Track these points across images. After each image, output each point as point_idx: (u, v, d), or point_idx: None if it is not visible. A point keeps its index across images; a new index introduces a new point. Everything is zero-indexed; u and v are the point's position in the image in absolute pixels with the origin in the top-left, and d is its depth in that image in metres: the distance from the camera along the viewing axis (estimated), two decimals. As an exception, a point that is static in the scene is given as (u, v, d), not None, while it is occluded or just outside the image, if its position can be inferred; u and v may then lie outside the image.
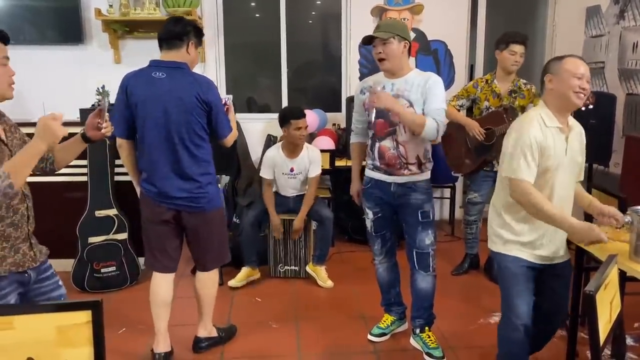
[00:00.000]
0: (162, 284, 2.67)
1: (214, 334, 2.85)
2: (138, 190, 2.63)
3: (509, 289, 2.17)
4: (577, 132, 2.19)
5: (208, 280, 2.75)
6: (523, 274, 2.14)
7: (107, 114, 1.92)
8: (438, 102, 2.51)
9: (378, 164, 2.65)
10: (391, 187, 2.64)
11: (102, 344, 1.39)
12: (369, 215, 2.78)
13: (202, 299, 2.77)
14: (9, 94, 1.73)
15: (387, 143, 2.59)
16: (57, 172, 2.00)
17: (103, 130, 1.91)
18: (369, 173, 2.74)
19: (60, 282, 1.98)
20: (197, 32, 2.53)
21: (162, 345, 2.70)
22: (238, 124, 4.27)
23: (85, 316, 1.37)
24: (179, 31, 2.45)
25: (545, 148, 2.06)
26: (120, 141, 2.57)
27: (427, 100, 2.51)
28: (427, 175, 2.66)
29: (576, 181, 2.24)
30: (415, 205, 2.62)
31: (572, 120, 2.19)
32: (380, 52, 2.52)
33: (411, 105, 2.52)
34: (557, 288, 2.23)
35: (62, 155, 1.96)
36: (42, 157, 1.85)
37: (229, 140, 2.58)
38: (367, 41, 2.56)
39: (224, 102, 2.59)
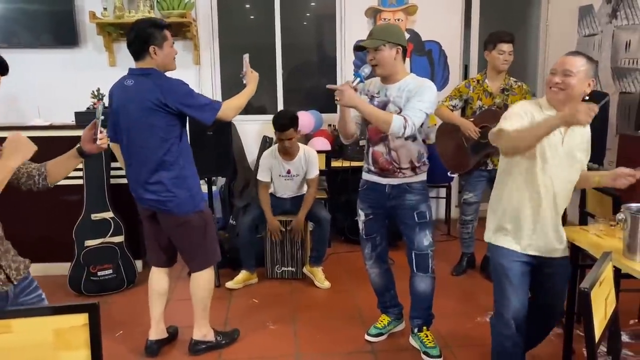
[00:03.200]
0: (153, 275, 2.82)
1: (210, 337, 2.84)
2: None
3: (501, 284, 2.17)
4: (581, 129, 2.16)
5: (195, 281, 2.76)
6: (516, 269, 2.14)
7: (101, 127, 1.86)
8: (419, 103, 2.42)
9: (372, 168, 2.67)
10: (386, 189, 2.65)
11: (99, 347, 1.39)
12: (361, 216, 2.79)
13: (193, 300, 2.79)
14: None
15: (380, 148, 2.61)
16: None
17: (98, 142, 1.86)
18: (364, 176, 2.75)
19: (43, 295, 1.88)
20: (156, 33, 2.48)
21: (153, 333, 2.82)
22: (233, 125, 4.27)
23: (82, 319, 1.37)
24: (135, 46, 2.50)
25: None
26: (112, 145, 2.69)
27: (409, 100, 2.47)
28: (422, 177, 2.66)
29: (576, 179, 2.20)
30: (411, 206, 2.63)
31: None
32: (372, 59, 2.52)
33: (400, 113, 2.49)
34: (553, 285, 2.23)
35: (57, 169, 1.90)
36: (31, 175, 1.84)
37: (223, 117, 2.56)
38: (359, 49, 2.56)
39: (245, 62, 2.70)
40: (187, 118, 2.58)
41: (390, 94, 2.55)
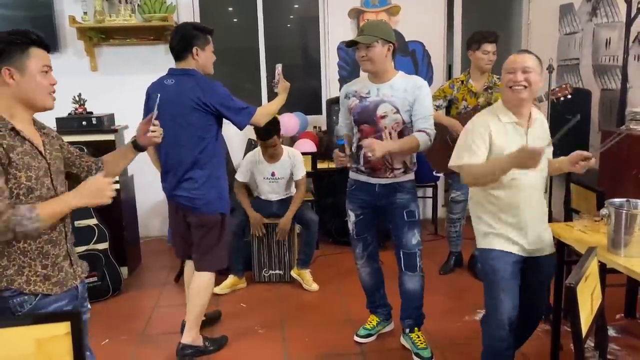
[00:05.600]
0: (186, 269, 2.95)
1: (199, 343, 2.81)
2: None
3: (494, 286, 2.14)
4: (540, 122, 2.19)
5: (197, 281, 2.76)
6: (509, 271, 2.12)
7: (156, 119, 1.94)
8: (426, 110, 2.54)
9: (363, 168, 2.65)
10: (376, 188, 2.64)
11: (82, 356, 1.37)
12: (351, 217, 2.78)
13: (189, 302, 2.78)
14: (49, 104, 1.68)
15: None
16: None
17: (151, 134, 1.93)
18: (353, 175, 2.74)
19: (89, 306, 1.91)
20: (199, 35, 2.63)
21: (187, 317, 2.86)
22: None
23: (64, 328, 1.35)
24: (179, 46, 2.63)
25: (496, 138, 2.07)
26: None
27: (416, 109, 2.53)
28: (411, 176, 2.67)
29: (546, 168, 2.20)
30: (401, 204, 2.63)
31: (535, 113, 2.18)
32: (364, 56, 2.51)
33: (398, 111, 2.52)
34: (536, 283, 2.23)
35: (113, 164, 1.93)
36: (90, 168, 1.85)
37: (255, 122, 2.74)
38: (351, 45, 2.55)
39: (277, 71, 2.94)
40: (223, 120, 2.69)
41: (383, 93, 2.55)
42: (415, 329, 2.79)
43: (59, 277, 1.67)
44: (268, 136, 3.50)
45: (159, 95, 1.98)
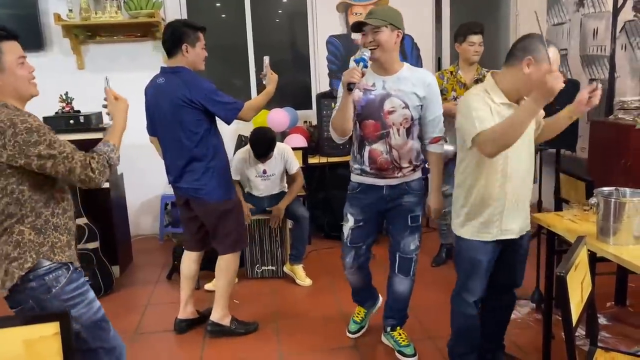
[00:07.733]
0: (183, 259, 3.07)
1: (225, 322, 2.96)
2: None
3: (471, 273, 2.22)
4: None
5: (220, 263, 2.92)
6: (488, 260, 2.18)
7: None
8: (438, 110, 2.44)
9: (368, 169, 2.46)
10: (383, 190, 2.49)
11: (72, 356, 1.36)
12: (350, 222, 2.58)
13: (216, 282, 3.00)
14: (34, 91, 1.82)
15: (379, 147, 2.41)
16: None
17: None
18: (356, 178, 2.55)
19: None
20: (189, 32, 2.67)
21: (181, 313, 3.06)
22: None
23: (52, 328, 1.34)
24: (169, 41, 2.69)
25: (495, 116, 2.01)
26: (150, 138, 2.95)
27: (429, 110, 2.41)
28: (419, 173, 2.55)
29: (533, 150, 2.17)
30: (406, 208, 2.51)
31: None
32: (371, 41, 2.29)
33: (406, 107, 2.36)
34: (514, 262, 2.28)
35: None
36: None
37: (243, 117, 2.79)
38: (357, 27, 2.35)
39: (265, 63, 2.97)
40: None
41: (390, 87, 2.36)
42: (397, 327, 2.75)
43: (70, 253, 1.76)
44: (265, 158, 3.53)
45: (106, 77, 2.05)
